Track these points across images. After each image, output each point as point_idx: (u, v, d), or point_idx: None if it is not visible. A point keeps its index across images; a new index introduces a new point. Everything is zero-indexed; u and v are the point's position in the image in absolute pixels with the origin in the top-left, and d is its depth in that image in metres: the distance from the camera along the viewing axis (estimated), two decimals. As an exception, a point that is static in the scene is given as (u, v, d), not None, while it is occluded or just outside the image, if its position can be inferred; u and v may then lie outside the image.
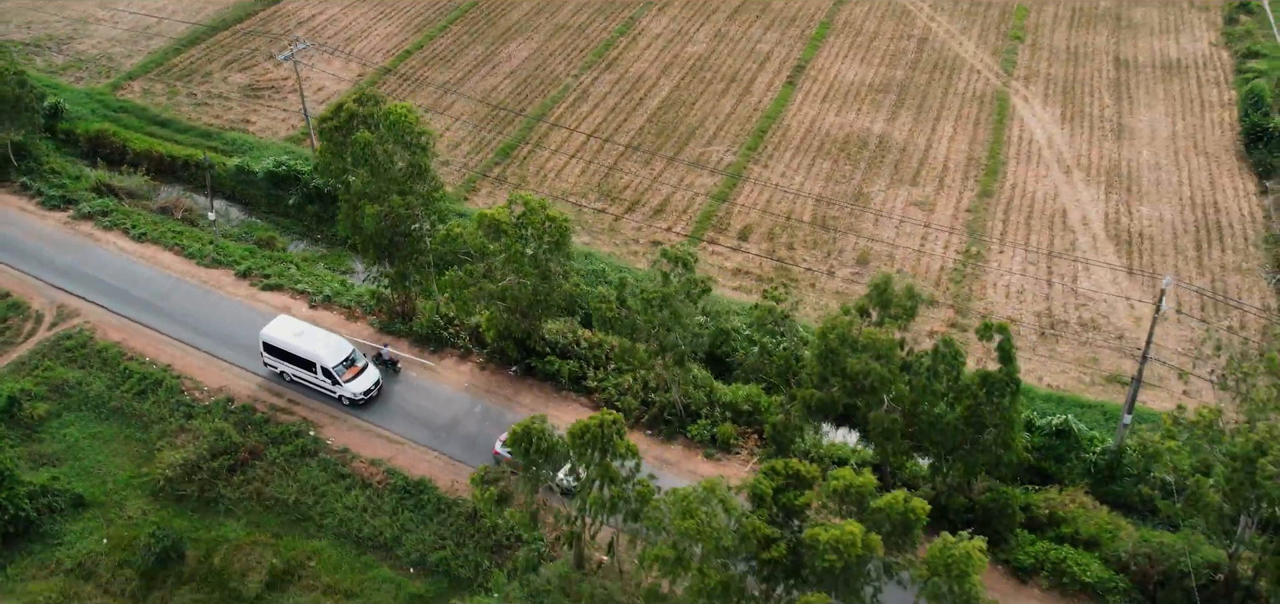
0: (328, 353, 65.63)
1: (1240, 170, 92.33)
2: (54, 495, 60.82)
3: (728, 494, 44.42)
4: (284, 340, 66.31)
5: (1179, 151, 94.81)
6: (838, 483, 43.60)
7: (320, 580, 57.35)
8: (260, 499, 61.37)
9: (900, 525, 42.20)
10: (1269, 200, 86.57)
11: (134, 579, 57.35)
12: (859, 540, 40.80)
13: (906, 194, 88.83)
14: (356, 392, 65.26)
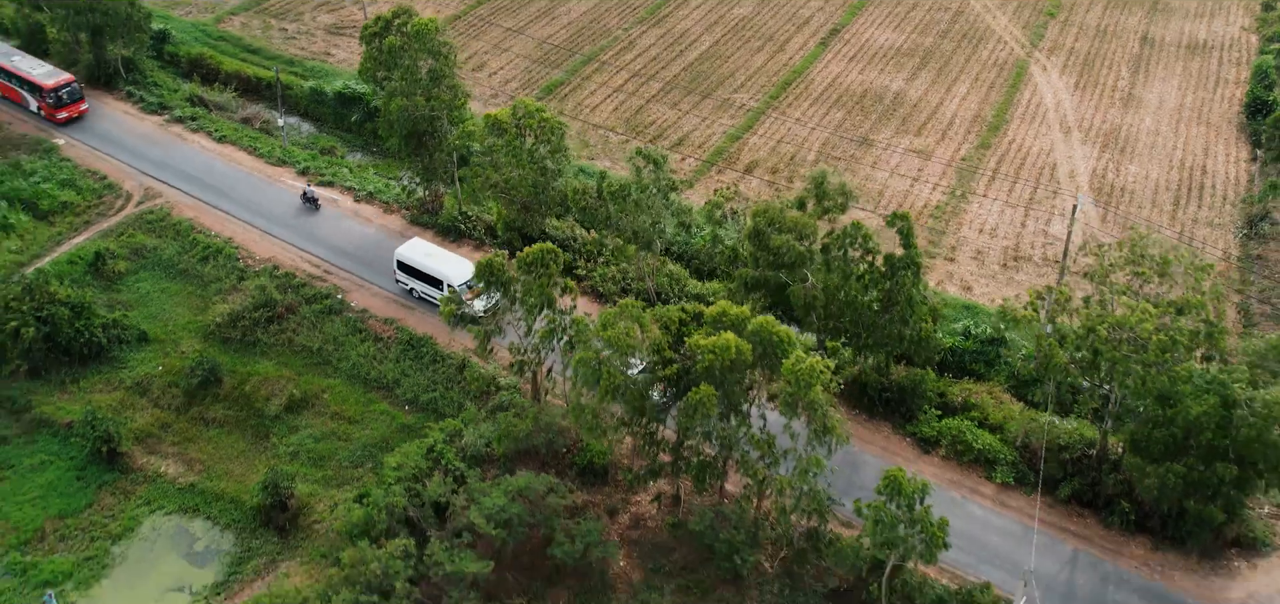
0: (454, 273, 71.17)
1: (1238, 140, 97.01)
2: (123, 330, 72.71)
3: (641, 314, 53.43)
4: (416, 260, 72.65)
5: (1182, 121, 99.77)
6: (714, 311, 52.15)
7: (330, 408, 67.97)
8: (290, 345, 72.33)
9: (769, 344, 50.50)
10: (1255, 166, 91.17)
11: (179, 397, 68.86)
12: (732, 346, 49.36)
13: (908, 143, 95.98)
14: (478, 310, 67.00)
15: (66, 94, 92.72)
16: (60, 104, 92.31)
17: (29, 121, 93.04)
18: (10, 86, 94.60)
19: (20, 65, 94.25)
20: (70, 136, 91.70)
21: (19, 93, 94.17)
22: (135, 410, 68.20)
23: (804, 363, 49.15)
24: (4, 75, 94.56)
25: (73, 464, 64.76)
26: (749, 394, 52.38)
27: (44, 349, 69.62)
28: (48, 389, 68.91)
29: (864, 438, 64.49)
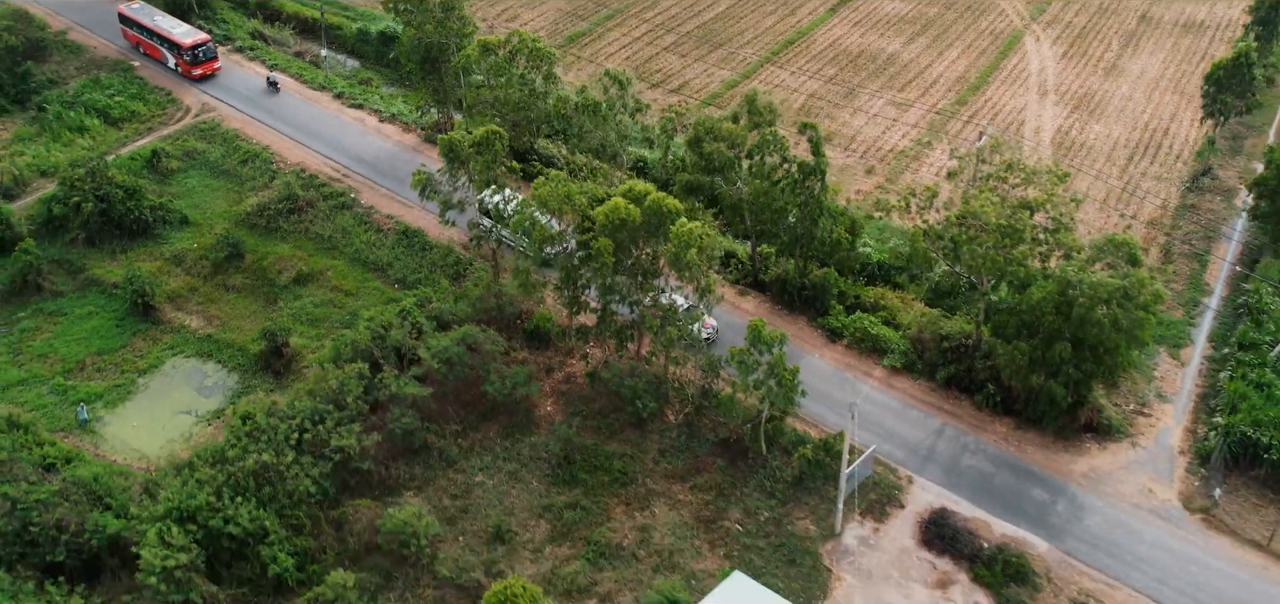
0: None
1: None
2: (167, 212, 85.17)
3: (570, 186, 63.50)
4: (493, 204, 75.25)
5: (1157, 90, 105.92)
6: (623, 188, 61.84)
7: (331, 283, 79.30)
8: (305, 232, 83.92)
9: (659, 214, 60.02)
10: (1208, 125, 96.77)
11: (207, 267, 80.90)
12: (621, 208, 59.09)
13: (890, 97, 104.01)
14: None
15: (202, 52, 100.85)
16: (196, 61, 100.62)
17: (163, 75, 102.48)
18: (152, 44, 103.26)
19: (161, 24, 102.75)
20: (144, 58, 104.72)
21: (159, 50, 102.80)
22: (170, 276, 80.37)
23: (685, 227, 58.48)
24: (146, 33, 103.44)
25: (114, 315, 77.05)
26: (643, 256, 61.73)
27: (99, 223, 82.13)
28: (100, 256, 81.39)
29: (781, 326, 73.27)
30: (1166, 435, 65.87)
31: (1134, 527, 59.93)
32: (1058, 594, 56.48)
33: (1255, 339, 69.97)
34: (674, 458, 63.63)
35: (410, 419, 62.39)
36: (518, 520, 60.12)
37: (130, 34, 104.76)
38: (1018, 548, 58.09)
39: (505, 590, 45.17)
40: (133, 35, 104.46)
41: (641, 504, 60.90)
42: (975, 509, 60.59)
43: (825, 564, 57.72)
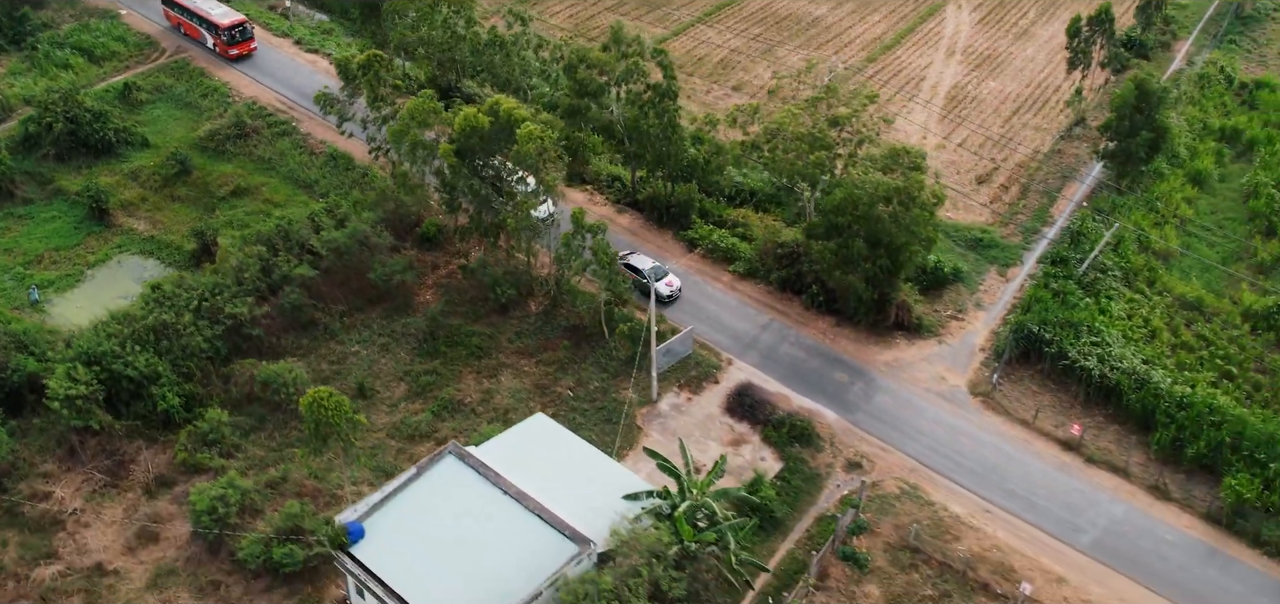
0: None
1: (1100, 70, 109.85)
2: (130, 135, 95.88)
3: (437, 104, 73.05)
4: None
5: (1059, 52, 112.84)
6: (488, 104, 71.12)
7: (263, 196, 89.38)
8: (249, 155, 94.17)
9: (508, 121, 69.30)
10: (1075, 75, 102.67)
11: (158, 181, 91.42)
12: (473, 115, 68.47)
13: (804, 55, 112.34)
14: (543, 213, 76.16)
15: (238, 33, 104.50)
16: (233, 41, 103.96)
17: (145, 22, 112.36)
18: (192, 24, 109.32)
19: (201, 6, 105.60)
20: (132, 7, 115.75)
21: (198, 30, 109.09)
22: (125, 189, 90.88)
23: (528, 129, 67.74)
24: (187, 13, 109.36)
25: (73, 219, 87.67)
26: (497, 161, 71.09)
27: (69, 142, 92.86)
28: (67, 170, 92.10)
29: (649, 239, 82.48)
30: (973, 336, 73.89)
31: (919, 405, 68.19)
32: (836, 455, 64.89)
33: (1067, 255, 77.65)
34: (527, 338, 72.81)
35: (298, 296, 72.21)
36: (381, 382, 69.70)
37: (172, 15, 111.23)
38: (808, 416, 66.55)
39: (315, 395, 54.65)
40: (174, 16, 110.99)
41: (490, 373, 70.21)
42: (780, 386, 69.15)
43: (636, 423, 66.57)
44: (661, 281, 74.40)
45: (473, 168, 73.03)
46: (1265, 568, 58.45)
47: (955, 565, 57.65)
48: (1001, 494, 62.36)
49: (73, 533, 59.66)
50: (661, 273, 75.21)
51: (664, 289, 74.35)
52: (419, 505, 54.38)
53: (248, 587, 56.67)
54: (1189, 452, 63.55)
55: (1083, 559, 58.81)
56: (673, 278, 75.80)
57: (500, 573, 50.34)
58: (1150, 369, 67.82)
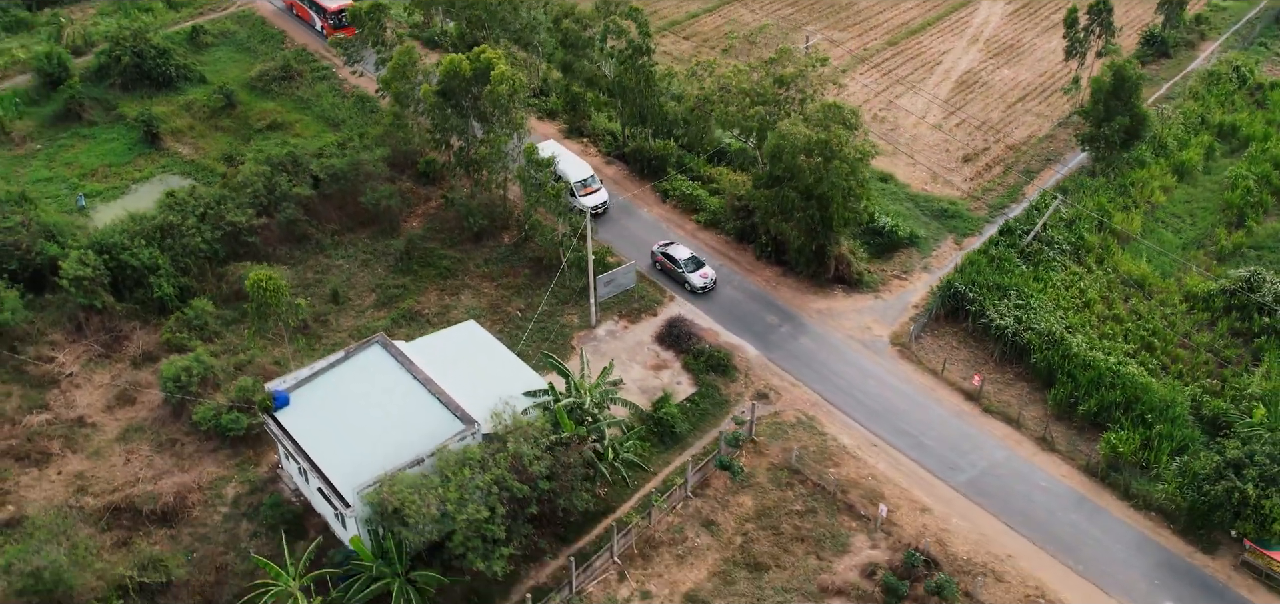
0: (573, 172, 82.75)
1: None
2: (190, 71, 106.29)
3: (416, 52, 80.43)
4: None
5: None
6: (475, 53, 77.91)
7: (294, 131, 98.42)
8: (289, 95, 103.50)
9: (485, 67, 76.11)
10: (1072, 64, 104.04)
11: (206, 112, 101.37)
12: (456, 62, 75.51)
13: (830, 36, 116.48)
14: (587, 205, 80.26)
15: (345, 17, 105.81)
16: (340, 25, 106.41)
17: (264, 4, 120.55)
18: (304, 6, 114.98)
19: None
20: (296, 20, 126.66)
21: (309, 12, 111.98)
22: (178, 118, 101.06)
23: (500, 71, 74.44)
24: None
25: (129, 141, 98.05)
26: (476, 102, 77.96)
27: (134, 73, 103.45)
28: (130, 99, 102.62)
29: (629, 188, 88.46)
30: (910, 295, 77.76)
31: (838, 350, 72.58)
32: (748, 385, 69.87)
33: (1016, 226, 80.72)
34: (493, 265, 79.62)
35: (293, 211, 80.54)
36: (355, 291, 77.42)
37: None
38: (730, 350, 71.67)
39: (257, 277, 62.46)
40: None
41: (453, 292, 77.22)
42: (712, 323, 74.36)
43: (572, 344, 72.68)
44: (696, 273, 75.92)
45: (455, 107, 79.83)
46: (1129, 518, 61.25)
47: (827, 487, 62.09)
48: (892, 432, 66.40)
49: (65, 391, 68.76)
50: (697, 264, 76.48)
51: (698, 280, 75.55)
52: (340, 383, 61.58)
53: (200, 446, 64.75)
54: (1081, 409, 66.46)
55: (953, 495, 62.55)
56: (708, 270, 76.49)
57: (395, 443, 57.06)
58: (1070, 334, 70.64)
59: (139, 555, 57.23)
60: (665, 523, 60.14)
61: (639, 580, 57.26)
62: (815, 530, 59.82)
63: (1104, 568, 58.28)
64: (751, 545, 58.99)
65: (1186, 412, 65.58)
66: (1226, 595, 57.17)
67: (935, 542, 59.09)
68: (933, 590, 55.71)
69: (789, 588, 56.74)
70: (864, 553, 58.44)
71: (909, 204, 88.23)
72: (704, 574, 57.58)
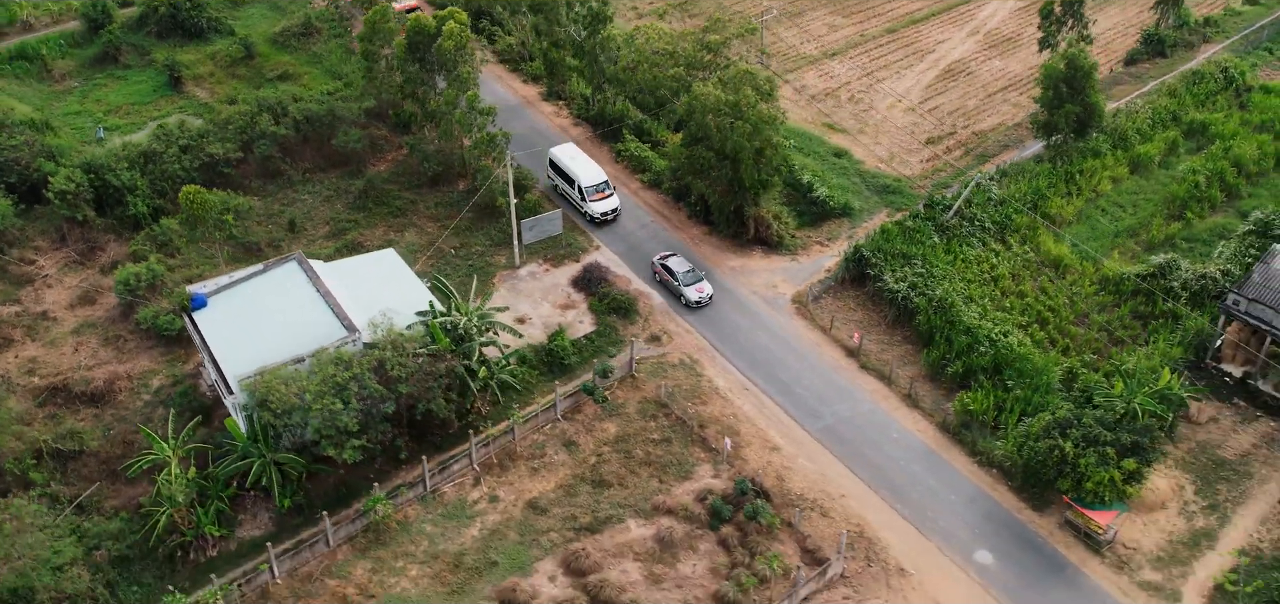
0: (586, 176, 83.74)
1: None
2: (220, 24, 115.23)
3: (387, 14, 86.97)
4: (561, 161, 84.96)
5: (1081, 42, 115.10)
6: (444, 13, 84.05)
7: (303, 82, 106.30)
8: (305, 50, 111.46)
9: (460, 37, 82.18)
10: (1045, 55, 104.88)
11: (227, 61, 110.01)
12: (422, 20, 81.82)
13: (831, 20, 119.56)
14: (596, 211, 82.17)
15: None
16: None
17: None
18: None
19: None
20: None
21: None
22: (201, 65, 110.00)
23: (451, 27, 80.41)
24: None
25: (154, 84, 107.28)
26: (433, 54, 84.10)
27: (169, 23, 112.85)
28: (164, 46, 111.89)
29: (591, 150, 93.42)
30: (826, 259, 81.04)
31: (740, 304, 76.48)
32: (644, 328, 74.37)
33: (940, 201, 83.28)
34: (443, 208, 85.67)
35: (267, 147, 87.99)
36: (312, 222, 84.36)
37: None
38: (635, 296, 76.27)
39: (190, 190, 69.73)
40: None
41: (399, 229, 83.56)
42: (627, 271, 79.04)
43: (494, 281, 78.23)
44: (692, 288, 74.94)
45: (421, 62, 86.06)
46: (970, 473, 63.92)
47: (687, 421, 66.28)
48: (766, 379, 70.14)
49: (38, 290, 77.25)
50: (695, 278, 75.48)
51: (693, 295, 74.48)
52: (254, 291, 68.29)
53: (140, 344, 72.34)
54: (949, 370, 69.14)
55: (806, 438, 66.08)
56: (705, 285, 75.15)
57: (285, 343, 63.34)
58: (966, 303, 73.23)
59: (61, 427, 64.67)
60: (530, 440, 65.09)
61: (491, 487, 62.46)
62: (665, 458, 64.05)
63: (930, 514, 61.18)
64: (603, 465, 63.55)
65: (1056, 381, 67.51)
66: (1043, 550, 59.46)
67: (775, 477, 62.76)
68: (749, 516, 59.38)
69: (625, 504, 61.16)
70: (704, 481, 62.44)
71: (857, 179, 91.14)
72: (552, 486, 62.42)
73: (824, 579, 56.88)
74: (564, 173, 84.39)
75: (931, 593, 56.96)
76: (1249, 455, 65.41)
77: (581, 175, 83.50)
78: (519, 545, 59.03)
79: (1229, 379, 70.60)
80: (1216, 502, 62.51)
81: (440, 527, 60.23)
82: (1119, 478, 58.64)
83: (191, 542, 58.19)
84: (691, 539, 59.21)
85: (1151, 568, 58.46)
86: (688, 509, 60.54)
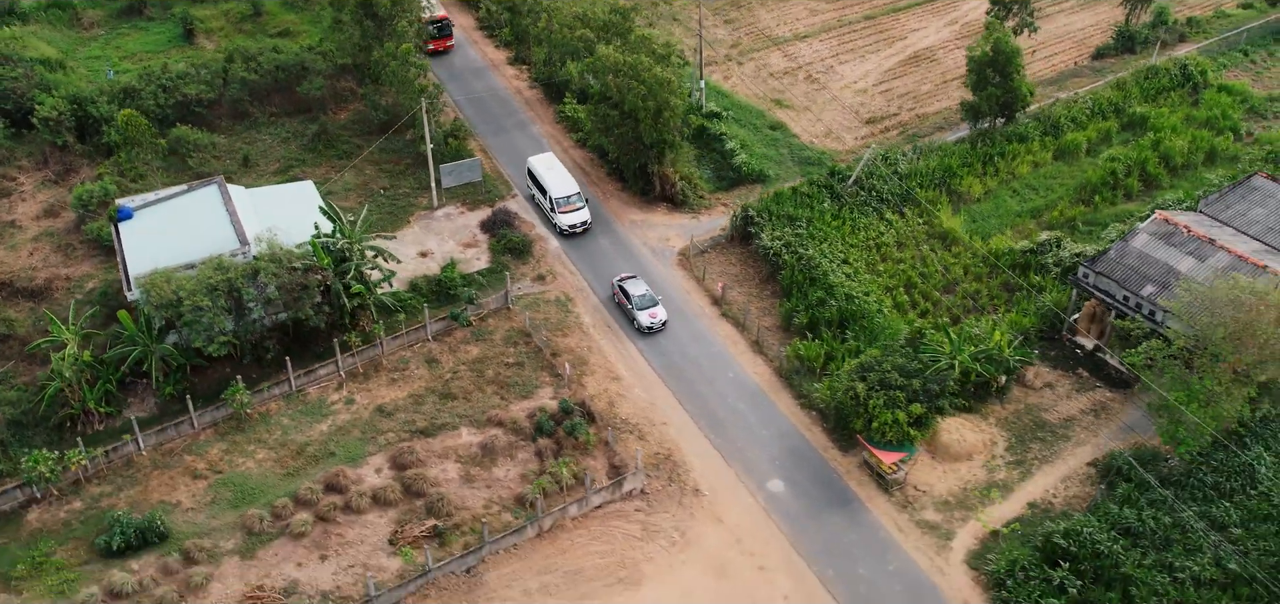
0: (556, 186, 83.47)
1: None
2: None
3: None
4: (537, 170, 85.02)
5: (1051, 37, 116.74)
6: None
7: (299, 38, 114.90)
8: (311, 10, 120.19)
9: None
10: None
11: (237, 17, 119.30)
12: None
13: (808, 5, 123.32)
14: (564, 223, 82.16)
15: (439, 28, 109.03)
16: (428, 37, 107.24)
17: None
18: None
19: None
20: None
21: None
22: (214, 21, 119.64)
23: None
24: None
25: (169, 35, 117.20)
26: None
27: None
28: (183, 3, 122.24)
29: (537, 110, 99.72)
30: (724, 219, 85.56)
31: (629, 253, 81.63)
32: (535, 268, 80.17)
33: (843, 172, 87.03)
34: (387, 154, 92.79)
35: (238, 91, 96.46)
36: (265, 160, 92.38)
37: None
38: (533, 239, 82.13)
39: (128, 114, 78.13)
40: None
41: (339, 169, 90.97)
42: (533, 218, 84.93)
43: (409, 219, 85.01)
44: (645, 312, 73.69)
45: (373, 18, 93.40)
46: (790, 413, 68.08)
47: (543, 349, 71.89)
48: (628, 318, 75.14)
49: (13, 203, 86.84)
50: (649, 302, 74.19)
51: (646, 320, 73.30)
52: (174, 207, 76.37)
53: (87, 252, 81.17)
54: (797, 320, 73.23)
55: (648, 371, 71.04)
56: (659, 310, 73.87)
57: (186, 251, 71.07)
58: (840, 266, 77.14)
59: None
60: (397, 355, 71.53)
61: (351, 391, 69.07)
62: (513, 379, 69.79)
63: (739, 445, 65.60)
64: (454, 382, 69.64)
65: (901, 339, 70.97)
66: (834, 485, 63.37)
67: (607, 402, 67.96)
68: (568, 432, 64.72)
69: (463, 415, 67.13)
70: (541, 401, 68.00)
71: (785, 151, 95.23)
72: (404, 395, 68.78)
73: (619, 491, 61.78)
74: (539, 182, 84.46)
75: (717, 512, 61.43)
76: (1073, 421, 67.87)
77: (553, 186, 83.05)
78: (359, 441, 65.45)
79: (1080, 351, 72.87)
80: (1024, 459, 65.30)
81: (296, 421, 67.03)
82: (904, 420, 62.08)
83: (78, 415, 65.98)
84: (513, 449, 64.80)
85: (935, 510, 61.80)
86: (517, 423, 66.11)
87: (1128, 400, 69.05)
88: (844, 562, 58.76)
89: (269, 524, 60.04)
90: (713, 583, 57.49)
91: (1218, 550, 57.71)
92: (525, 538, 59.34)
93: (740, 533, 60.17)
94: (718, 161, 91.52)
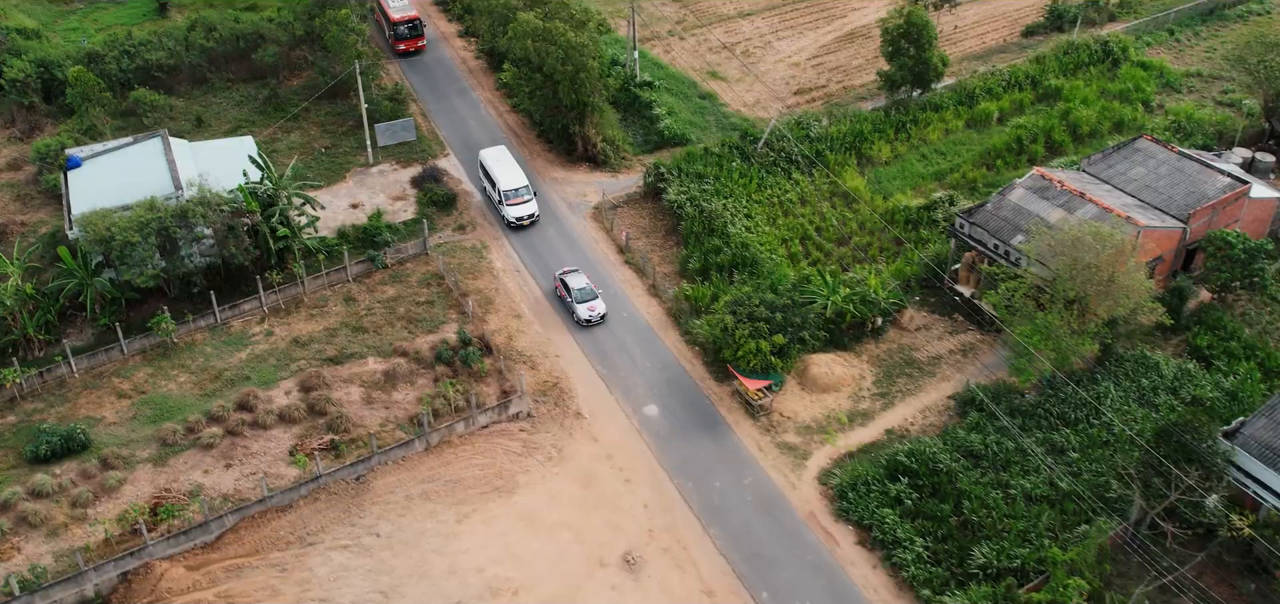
0: (505, 179, 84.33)
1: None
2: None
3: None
4: (487, 163, 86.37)
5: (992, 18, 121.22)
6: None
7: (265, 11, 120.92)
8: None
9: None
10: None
11: None
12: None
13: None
14: (511, 215, 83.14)
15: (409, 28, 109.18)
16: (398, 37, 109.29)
17: None
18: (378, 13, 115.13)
19: None
20: None
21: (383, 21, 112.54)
22: None
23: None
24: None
25: (146, 9, 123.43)
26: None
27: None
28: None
29: (480, 79, 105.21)
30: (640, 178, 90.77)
31: (547, 207, 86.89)
32: (456, 219, 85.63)
33: (754, 134, 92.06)
34: (332, 117, 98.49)
35: (196, 57, 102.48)
36: (217, 121, 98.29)
37: None
38: (459, 194, 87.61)
39: (79, 70, 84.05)
40: None
41: (287, 130, 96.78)
42: (462, 175, 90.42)
43: (346, 175, 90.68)
44: (584, 305, 74.35)
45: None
46: (675, 347, 73.22)
47: (451, 289, 77.36)
48: (537, 264, 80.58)
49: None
50: (588, 296, 74.78)
51: (585, 313, 73.96)
52: (120, 158, 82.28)
53: (45, 201, 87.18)
54: (692, 266, 78.36)
55: (548, 311, 76.40)
56: (598, 304, 74.46)
57: (125, 195, 76.89)
58: (739, 218, 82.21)
59: (-46, 253, 79.75)
60: (318, 292, 77.16)
61: (271, 325, 74.73)
62: (422, 315, 75.30)
63: (623, 376, 70.82)
64: (368, 317, 75.16)
65: (787, 282, 75.89)
66: (704, 410, 68.47)
67: (506, 337, 73.33)
68: (464, 361, 70.13)
69: (372, 347, 72.68)
70: (445, 335, 73.43)
71: (712, 118, 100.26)
72: (320, 328, 74.35)
73: (505, 413, 67.14)
74: (489, 175, 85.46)
75: (595, 432, 66.66)
76: (940, 359, 72.70)
77: (501, 179, 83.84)
78: (273, 368, 71.09)
79: (959, 298, 77.60)
80: (889, 392, 70.18)
81: (218, 350, 72.74)
82: (767, 349, 67.12)
83: (19, 342, 71.91)
84: (413, 376, 70.27)
85: (795, 434, 66.81)
86: (420, 353, 71.59)
87: (997, 342, 73.63)
88: (703, 476, 63.84)
89: (182, 437, 65.67)
90: (579, 491, 62.71)
91: (1052, 472, 62.32)
92: (413, 452, 64.66)
93: (612, 449, 65.34)
94: (646, 126, 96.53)
